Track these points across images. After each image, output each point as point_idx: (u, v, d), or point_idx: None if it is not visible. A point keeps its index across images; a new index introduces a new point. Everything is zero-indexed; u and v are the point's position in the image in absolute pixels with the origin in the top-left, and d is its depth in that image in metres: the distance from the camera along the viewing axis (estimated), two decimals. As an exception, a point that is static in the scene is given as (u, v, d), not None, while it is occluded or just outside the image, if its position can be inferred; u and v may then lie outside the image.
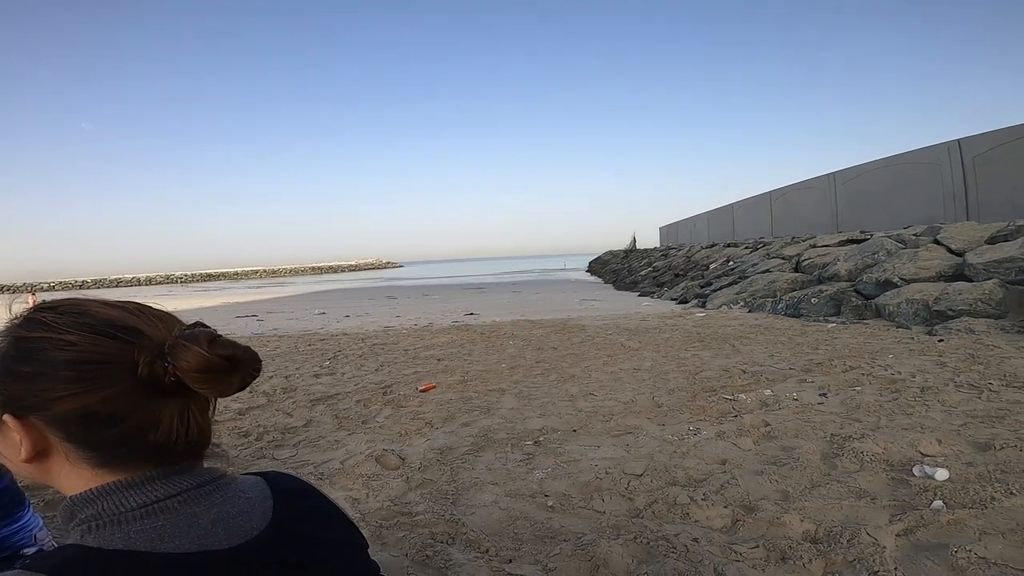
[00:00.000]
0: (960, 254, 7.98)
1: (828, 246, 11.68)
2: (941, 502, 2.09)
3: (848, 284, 8.74)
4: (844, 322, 7.17)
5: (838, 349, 5.25)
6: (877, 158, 15.04)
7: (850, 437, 2.80)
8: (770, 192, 21.05)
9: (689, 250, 22.37)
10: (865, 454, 2.58)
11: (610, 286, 22.20)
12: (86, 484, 0.53)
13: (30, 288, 59.98)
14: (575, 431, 3.28)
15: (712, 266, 16.37)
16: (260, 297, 23.30)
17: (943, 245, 8.48)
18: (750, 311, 9.25)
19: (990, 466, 2.34)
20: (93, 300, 0.56)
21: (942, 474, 2.29)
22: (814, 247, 11.97)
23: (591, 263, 41.64)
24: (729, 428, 3.13)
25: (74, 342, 0.51)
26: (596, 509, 2.25)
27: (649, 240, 40.20)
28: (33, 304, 0.59)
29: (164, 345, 0.52)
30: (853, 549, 1.81)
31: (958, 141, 12.02)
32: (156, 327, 0.54)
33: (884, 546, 1.82)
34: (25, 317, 0.54)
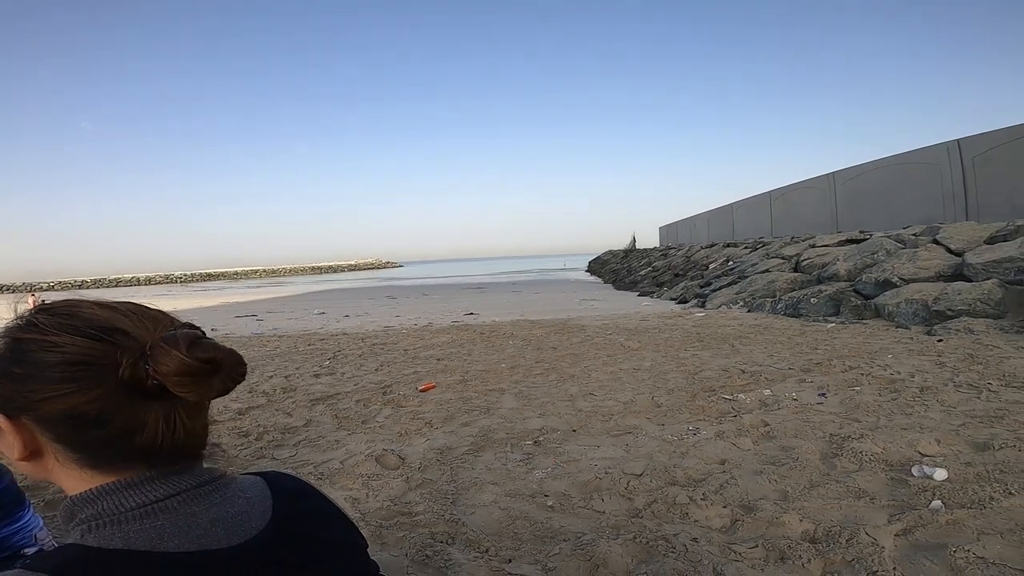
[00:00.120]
0: (959, 254, 7.98)
1: (828, 246, 11.69)
2: (940, 502, 2.09)
3: (847, 284, 8.75)
4: (843, 322, 7.18)
5: (837, 349, 5.26)
6: (877, 158, 15.06)
7: (849, 437, 2.81)
8: (770, 192, 21.06)
9: (689, 250, 22.38)
10: (864, 454, 2.58)
11: (610, 286, 22.22)
12: (85, 484, 0.53)
13: (30, 288, 59.94)
14: (575, 431, 3.28)
15: (712, 266, 16.38)
16: (260, 297, 23.31)
17: (942, 245, 8.49)
18: (749, 311, 9.25)
19: (989, 466, 2.35)
20: (89, 301, 0.56)
21: (941, 474, 2.30)
22: (813, 247, 11.98)
23: (591, 263, 41.69)
24: (728, 428, 3.13)
25: (59, 343, 0.51)
26: (596, 509, 2.25)
27: (649, 240, 40.24)
28: (33, 304, 0.59)
29: (147, 347, 0.51)
30: (852, 549, 1.81)
31: (958, 141, 12.03)
32: (144, 328, 0.53)
33: (883, 546, 1.82)
34: (22, 318, 0.55)
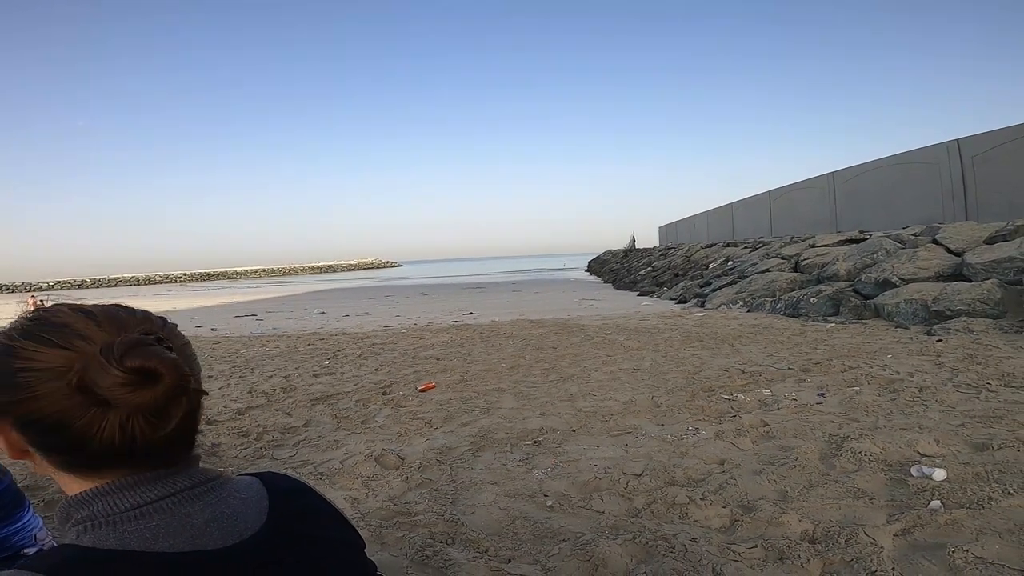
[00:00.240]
0: (959, 254, 7.99)
1: (827, 246, 11.69)
2: (939, 502, 2.09)
3: (847, 284, 8.75)
4: (843, 322, 7.18)
5: (837, 349, 5.26)
6: (876, 158, 15.06)
7: (848, 437, 2.81)
8: (769, 192, 21.05)
9: (688, 250, 22.38)
10: (863, 454, 2.59)
11: (609, 286, 22.23)
12: (77, 486, 0.53)
13: (29, 288, 59.92)
14: (574, 431, 3.28)
15: (711, 266, 16.38)
16: (259, 296, 23.29)
17: (942, 245, 8.49)
18: (749, 311, 9.26)
19: (988, 466, 2.35)
20: (69, 305, 0.55)
21: (940, 474, 2.30)
22: (813, 247, 11.99)
23: (590, 263, 41.69)
24: (728, 428, 3.14)
25: (19, 349, 0.51)
26: (595, 509, 2.25)
27: (648, 240, 40.22)
28: (33, 305, 0.59)
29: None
30: (851, 549, 1.82)
31: (957, 141, 12.03)
32: (107, 333, 0.52)
33: (882, 546, 1.82)
34: (8, 324, 0.55)
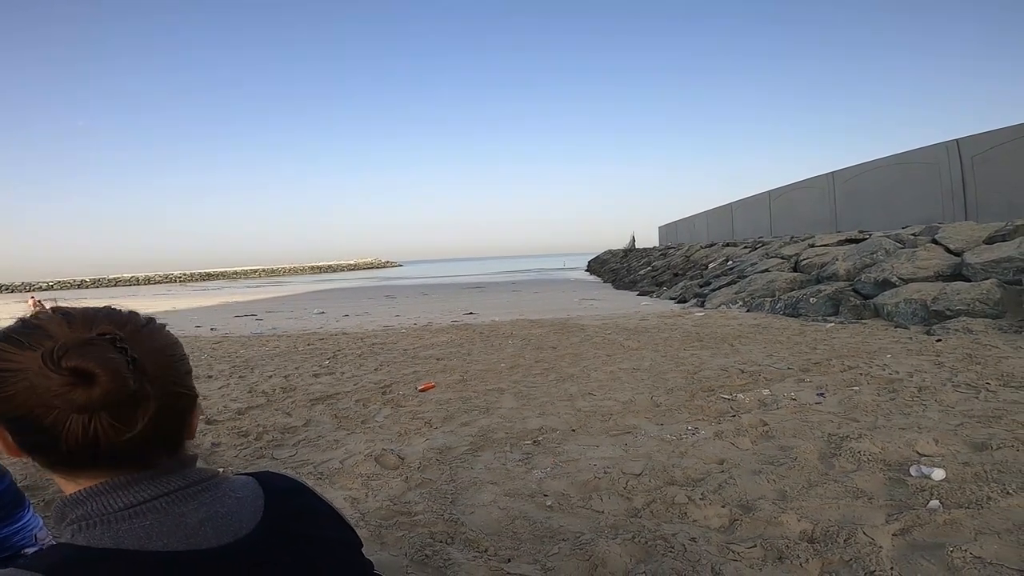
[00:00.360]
0: (958, 254, 7.99)
1: (827, 246, 11.69)
2: (938, 502, 2.10)
3: (847, 284, 8.75)
4: (842, 322, 7.18)
5: (836, 349, 5.27)
6: (876, 158, 15.06)
7: (847, 437, 2.81)
8: (769, 191, 21.06)
9: (688, 249, 22.38)
10: (862, 454, 2.59)
11: (609, 285, 22.24)
12: (71, 485, 0.54)
13: (28, 288, 59.91)
14: (574, 431, 3.29)
15: (711, 265, 16.38)
16: (259, 296, 23.29)
17: (941, 245, 8.49)
18: (749, 311, 9.26)
19: (987, 466, 2.35)
20: (54, 307, 0.56)
21: (939, 474, 2.30)
22: (813, 247, 11.99)
23: (590, 262, 41.69)
24: (727, 428, 3.14)
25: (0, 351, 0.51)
26: (594, 508, 2.26)
27: (648, 239, 40.20)
28: (32, 306, 0.59)
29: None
30: (850, 548, 1.82)
31: (957, 141, 12.03)
32: (75, 332, 0.51)
33: (881, 546, 1.82)
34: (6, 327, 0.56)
